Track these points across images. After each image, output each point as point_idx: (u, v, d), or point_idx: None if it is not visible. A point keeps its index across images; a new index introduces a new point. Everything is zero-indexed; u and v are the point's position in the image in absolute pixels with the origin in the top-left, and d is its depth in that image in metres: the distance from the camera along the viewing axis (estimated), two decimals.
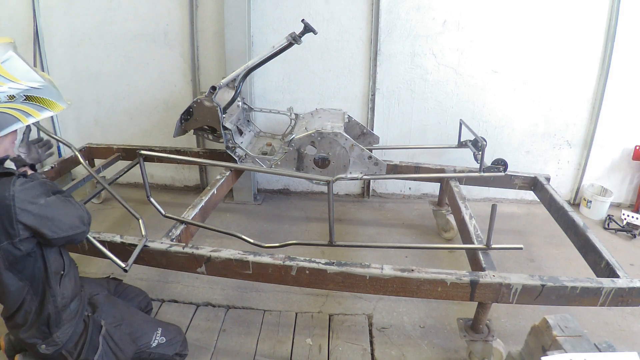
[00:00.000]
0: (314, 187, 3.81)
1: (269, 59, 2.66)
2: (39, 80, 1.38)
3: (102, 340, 1.61)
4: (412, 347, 2.15)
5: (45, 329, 1.52)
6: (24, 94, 1.34)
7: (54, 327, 1.52)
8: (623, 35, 3.16)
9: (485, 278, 1.77)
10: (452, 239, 3.12)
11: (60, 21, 3.42)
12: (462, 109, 3.45)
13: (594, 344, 1.38)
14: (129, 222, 3.24)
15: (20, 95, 1.33)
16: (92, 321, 1.62)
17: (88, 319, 1.62)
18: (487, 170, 2.64)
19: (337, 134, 2.53)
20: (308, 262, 1.85)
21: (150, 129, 3.71)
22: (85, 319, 1.62)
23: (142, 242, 1.94)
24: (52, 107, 1.41)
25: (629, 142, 3.49)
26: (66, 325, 1.55)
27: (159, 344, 1.78)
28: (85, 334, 1.59)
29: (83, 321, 1.61)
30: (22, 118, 1.34)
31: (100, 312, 1.69)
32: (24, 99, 1.34)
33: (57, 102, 1.43)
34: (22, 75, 1.35)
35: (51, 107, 1.41)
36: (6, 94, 1.31)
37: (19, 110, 1.33)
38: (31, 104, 1.36)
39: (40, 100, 1.38)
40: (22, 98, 1.33)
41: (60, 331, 1.53)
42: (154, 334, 1.78)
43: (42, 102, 1.38)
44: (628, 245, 3.13)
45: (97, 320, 1.65)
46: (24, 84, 1.34)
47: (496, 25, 3.22)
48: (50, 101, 1.40)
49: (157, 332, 1.79)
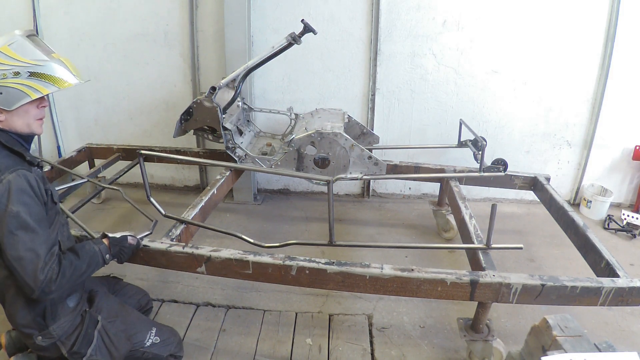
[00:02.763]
0: (314, 187, 3.81)
1: (269, 59, 2.66)
2: (43, 59, 1.47)
3: (97, 335, 1.63)
4: (412, 347, 2.15)
5: (40, 320, 1.53)
6: (27, 71, 1.43)
7: (50, 319, 1.54)
8: (623, 35, 3.16)
9: (485, 278, 1.77)
10: (452, 239, 3.12)
11: (60, 21, 3.42)
12: (462, 109, 3.45)
13: (594, 344, 1.38)
14: (129, 222, 3.24)
15: (25, 72, 1.43)
16: (88, 315, 1.64)
17: (85, 313, 1.64)
18: (487, 170, 2.64)
19: (337, 134, 2.53)
20: (308, 262, 1.85)
21: (150, 129, 3.72)
22: (83, 313, 1.64)
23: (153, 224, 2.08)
24: (58, 83, 1.49)
25: (629, 142, 3.49)
26: (62, 320, 1.56)
27: (152, 344, 1.79)
28: (81, 327, 1.60)
29: (80, 315, 1.63)
30: (30, 92, 1.44)
31: (96, 307, 1.70)
32: (29, 75, 1.43)
33: (63, 78, 1.51)
34: (26, 54, 1.45)
35: (57, 83, 1.49)
36: (11, 71, 1.41)
37: (26, 86, 1.43)
38: (36, 79, 1.45)
39: (45, 77, 1.47)
40: (26, 74, 1.43)
41: (57, 324, 1.55)
42: (149, 333, 1.79)
43: (47, 78, 1.47)
44: (628, 245, 3.13)
45: (93, 314, 1.66)
46: (27, 61, 1.44)
47: (496, 25, 3.23)
48: (55, 77, 1.49)
49: (151, 332, 1.80)
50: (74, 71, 1.57)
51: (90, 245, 1.61)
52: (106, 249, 1.66)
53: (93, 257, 1.58)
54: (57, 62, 1.51)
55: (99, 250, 1.62)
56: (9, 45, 1.43)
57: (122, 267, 2.51)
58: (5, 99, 1.42)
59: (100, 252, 1.62)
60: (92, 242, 1.64)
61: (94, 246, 1.62)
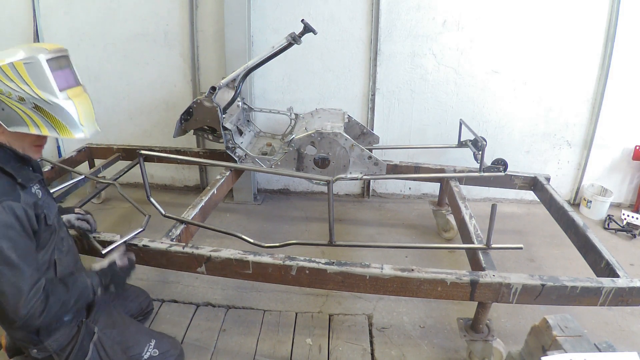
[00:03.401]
0: (314, 187, 3.81)
1: (269, 59, 2.66)
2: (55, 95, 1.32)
3: (93, 347, 1.57)
4: (412, 347, 2.15)
5: (34, 336, 1.49)
6: (33, 102, 1.30)
7: (45, 335, 1.50)
8: (623, 35, 3.16)
9: (485, 278, 1.77)
10: (452, 239, 3.12)
11: (60, 21, 3.42)
12: (462, 109, 3.45)
13: (594, 344, 1.38)
14: (129, 222, 3.24)
15: (30, 102, 1.30)
16: (85, 326, 1.59)
17: (81, 324, 1.59)
18: (487, 170, 2.64)
19: (337, 134, 2.53)
20: (308, 262, 1.85)
21: (150, 129, 3.72)
22: (79, 324, 1.59)
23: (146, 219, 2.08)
24: (61, 130, 1.35)
25: (629, 142, 3.49)
26: (58, 334, 1.52)
27: (151, 357, 1.71)
28: (76, 339, 1.56)
29: (77, 325, 1.58)
30: (30, 125, 1.32)
31: (93, 316, 1.66)
32: (33, 106, 1.30)
33: (68, 127, 1.36)
34: (39, 81, 1.30)
35: (60, 129, 1.35)
36: (17, 94, 1.28)
37: (27, 116, 1.31)
38: (40, 115, 1.32)
39: (49, 117, 1.33)
40: (31, 105, 1.30)
41: (52, 339, 1.51)
42: (147, 346, 1.71)
43: (51, 119, 1.33)
44: (628, 245, 3.13)
45: (90, 325, 1.62)
46: (36, 91, 1.30)
47: (496, 25, 3.23)
48: (60, 122, 1.34)
49: (150, 344, 1.72)
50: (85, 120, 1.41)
51: (82, 278, 1.52)
52: (98, 283, 1.56)
53: (83, 292, 1.49)
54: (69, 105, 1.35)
55: (90, 284, 1.52)
56: (25, 62, 1.28)
57: None
58: (5, 116, 1.31)
59: (92, 287, 1.53)
60: (85, 275, 1.54)
61: (87, 279, 1.52)
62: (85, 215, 1.95)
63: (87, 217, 1.95)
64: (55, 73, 1.34)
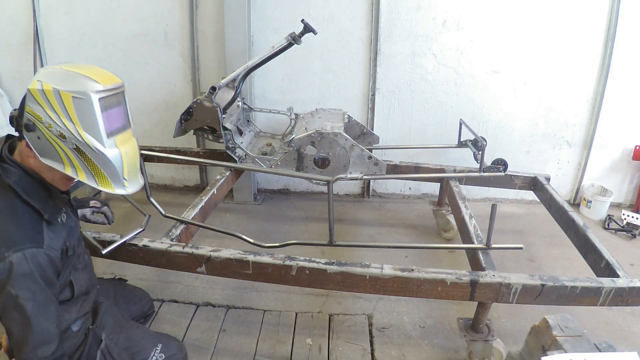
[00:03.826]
0: (314, 187, 3.81)
1: (269, 59, 2.66)
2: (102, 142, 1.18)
3: (100, 355, 1.55)
4: (412, 347, 2.15)
5: None
6: (75, 143, 1.16)
7: None
8: (623, 35, 3.16)
9: (485, 278, 1.77)
10: (452, 239, 3.12)
11: (60, 21, 3.42)
12: (462, 109, 3.45)
13: (594, 344, 1.38)
14: (128, 222, 3.24)
15: (71, 142, 1.15)
16: (92, 333, 1.58)
17: (88, 331, 1.58)
18: (487, 170, 2.64)
19: (337, 134, 2.53)
20: (308, 262, 1.84)
21: (150, 129, 3.71)
22: (86, 331, 1.57)
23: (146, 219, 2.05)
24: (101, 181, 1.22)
25: (629, 142, 3.50)
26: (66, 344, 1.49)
27: None
28: (84, 346, 1.54)
29: (84, 333, 1.56)
30: (66, 164, 1.19)
31: (100, 322, 1.64)
32: (74, 147, 1.16)
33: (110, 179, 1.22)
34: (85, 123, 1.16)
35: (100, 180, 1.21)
36: (58, 129, 1.13)
37: (66, 155, 1.17)
38: (80, 159, 1.18)
39: (90, 164, 1.19)
40: (72, 145, 1.16)
41: None
42: (153, 350, 1.71)
43: (92, 167, 1.19)
44: (628, 245, 3.13)
45: (97, 333, 1.60)
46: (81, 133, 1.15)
47: (496, 25, 3.23)
48: (102, 173, 1.20)
49: (156, 349, 1.71)
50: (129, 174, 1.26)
51: None
52: None
53: None
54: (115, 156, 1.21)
55: None
56: (74, 96, 1.13)
57: (123, 268, 2.52)
58: (41, 146, 1.17)
59: None
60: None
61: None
62: (102, 208, 1.89)
63: (104, 210, 1.89)
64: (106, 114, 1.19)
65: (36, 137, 1.15)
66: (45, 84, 1.13)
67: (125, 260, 2.01)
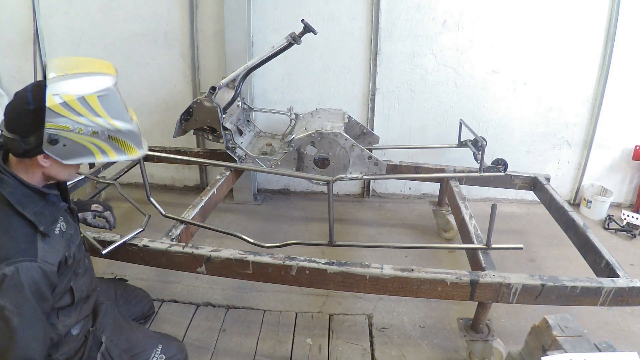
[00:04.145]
0: (314, 187, 3.81)
1: (269, 59, 2.66)
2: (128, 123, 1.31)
3: (100, 357, 1.55)
4: (412, 347, 2.15)
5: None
6: (108, 134, 1.27)
7: (53, 350, 1.46)
8: (623, 35, 3.16)
9: (485, 278, 1.77)
10: (452, 239, 3.12)
11: (60, 21, 3.42)
12: (462, 109, 3.45)
13: (594, 344, 1.38)
14: (128, 222, 3.24)
15: (105, 134, 1.26)
16: (92, 335, 1.57)
17: (88, 333, 1.57)
18: (487, 170, 2.64)
19: (337, 134, 2.53)
20: (308, 262, 1.85)
21: (150, 129, 3.71)
22: (86, 333, 1.56)
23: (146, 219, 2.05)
24: (129, 152, 1.34)
25: (629, 142, 3.50)
26: (65, 348, 1.48)
27: None
28: (84, 349, 1.53)
29: (84, 335, 1.55)
30: (97, 154, 1.28)
31: (100, 324, 1.63)
32: (107, 137, 1.27)
33: (136, 147, 1.36)
34: (114, 114, 1.27)
35: (129, 151, 1.34)
36: (90, 129, 1.23)
37: (97, 147, 1.27)
38: (112, 144, 1.29)
39: (121, 143, 1.31)
40: (105, 136, 1.26)
41: (60, 352, 1.47)
42: (154, 351, 1.70)
43: (123, 144, 1.32)
44: (628, 245, 3.13)
45: (97, 335, 1.59)
46: (112, 123, 1.27)
47: (496, 25, 3.23)
48: (130, 146, 1.34)
49: (157, 350, 1.71)
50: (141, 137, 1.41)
51: None
52: None
53: None
54: (136, 126, 1.36)
55: None
56: (98, 96, 1.23)
57: (123, 268, 2.52)
58: (67, 152, 1.23)
59: None
60: None
61: None
62: (103, 212, 1.87)
63: (105, 215, 1.87)
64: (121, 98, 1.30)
65: (62, 145, 1.21)
66: (64, 95, 1.18)
67: (125, 260, 2.01)
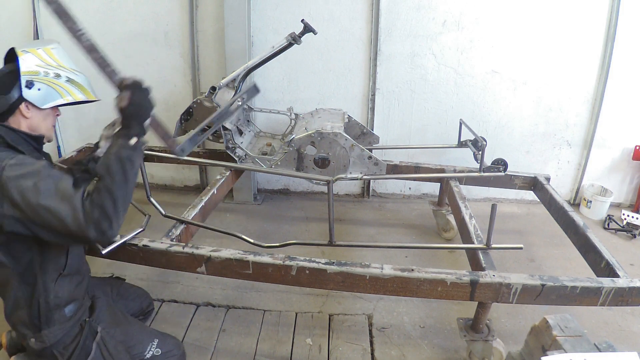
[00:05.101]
0: (314, 187, 3.81)
1: (269, 59, 2.66)
2: (78, 69, 1.61)
3: (96, 347, 1.57)
4: (412, 347, 2.15)
5: (36, 321, 1.49)
6: (67, 76, 1.56)
7: (44, 324, 1.49)
8: (623, 35, 3.16)
9: (485, 278, 1.77)
10: (452, 239, 3.12)
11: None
12: (462, 109, 3.45)
13: (594, 344, 1.38)
14: (129, 222, 3.23)
15: (64, 76, 1.55)
16: (88, 325, 1.59)
17: (85, 323, 1.59)
18: (487, 170, 2.64)
19: (337, 134, 2.53)
20: (308, 262, 1.84)
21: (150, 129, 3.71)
22: (82, 323, 1.59)
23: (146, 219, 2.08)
24: (87, 94, 1.63)
25: (629, 142, 3.50)
26: (57, 327, 1.51)
27: (153, 356, 1.71)
28: (79, 337, 1.56)
29: (79, 325, 1.58)
30: (64, 95, 1.55)
31: (97, 316, 1.65)
32: (67, 79, 1.55)
33: (90, 91, 1.66)
34: (65, 61, 1.58)
35: (85, 93, 1.62)
36: (53, 72, 1.53)
37: (62, 88, 1.54)
38: (72, 85, 1.57)
39: (78, 85, 1.59)
40: (65, 79, 1.55)
41: (49, 330, 1.50)
42: (150, 345, 1.71)
43: (80, 87, 1.60)
44: (628, 245, 3.13)
45: (93, 325, 1.61)
46: (66, 67, 1.57)
47: (496, 25, 3.23)
48: (85, 88, 1.63)
49: (152, 343, 1.72)
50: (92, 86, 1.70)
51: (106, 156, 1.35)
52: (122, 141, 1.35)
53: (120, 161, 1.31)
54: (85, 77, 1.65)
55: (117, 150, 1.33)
56: (51, 48, 1.56)
57: (123, 268, 2.52)
58: (41, 96, 1.48)
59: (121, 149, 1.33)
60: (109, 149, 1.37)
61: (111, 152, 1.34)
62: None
63: None
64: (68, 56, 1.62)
65: (36, 90, 1.47)
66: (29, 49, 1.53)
67: (125, 260, 2.01)
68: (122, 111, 1.38)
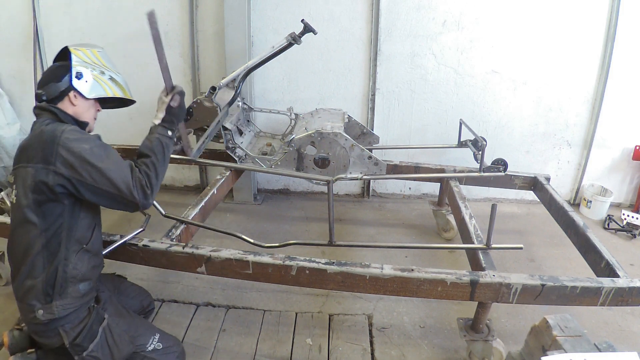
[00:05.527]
0: (314, 187, 3.81)
1: (269, 59, 2.65)
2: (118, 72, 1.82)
3: (102, 332, 1.62)
4: (412, 347, 2.15)
5: (50, 290, 1.51)
6: (110, 75, 1.77)
7: (57, 294, 1.52)
8: (623, 35, 3.16)
9: (485, 278, 1.78)
10: (452, 239, 3.12)
11: (60, 21, 3.42)
12: (462, 109, 3.45)
13: (594, 344, 1.38)
14: (129, 222, 3.25)
15: (107, 75, 1.75)
16: (95, 311, 1.64)
17: (92, 308, 1.64)
18: (487, 170, 2.64)
19: (337, 134, 2.53)
20: (308, 262, 1.85)
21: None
22: (90, 308, 1.64)
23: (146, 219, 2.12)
24: (125, 93, 1.83)
25: (629, 142, 3.50)
26: (68, 300, 1.54)
27: (155, 349, 1.75)
28: (87, 320, 1.60)
29: (88, 309, 1.62)
30: (106, 90, 1.74)
31: (102, 305, 1.70)
32: (109, 78, 1.76)
33: (128, 91, 1.85)
34: (109, 63, 1.80)
35: (124, 93, 1.83)
36: (99, 69, 1.73)
37: (105, 84, 1.74)
38: (113, 83, 1.77)
39: (118, 84, 1.79)
40: (108, 77, 1.75)
41: (61, 302, 1.52)
42: (151, 338, 1.76)
43: (119, 86, 1.79)
44: (628, 245, 3.13)
45: (100, 312, 1.66)
46: (109, 68, 1.78)
47: (496, 25, 3.23)
48: (125, 89, 1.82)
49: (154, 337, 1.77)
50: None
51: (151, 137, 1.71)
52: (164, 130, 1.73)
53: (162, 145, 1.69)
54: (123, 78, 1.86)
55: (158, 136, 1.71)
56: (97, 51, 1.79)
57: (123, 268, 2.52)
58: (88, 87, 1.68)
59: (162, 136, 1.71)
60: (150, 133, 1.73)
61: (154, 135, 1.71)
62: None
63: None
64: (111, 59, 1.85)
65: (84, 81, 1.67)
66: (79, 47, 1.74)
67: (125, 260, 2.01)
68: (171, 109, 1.76)
